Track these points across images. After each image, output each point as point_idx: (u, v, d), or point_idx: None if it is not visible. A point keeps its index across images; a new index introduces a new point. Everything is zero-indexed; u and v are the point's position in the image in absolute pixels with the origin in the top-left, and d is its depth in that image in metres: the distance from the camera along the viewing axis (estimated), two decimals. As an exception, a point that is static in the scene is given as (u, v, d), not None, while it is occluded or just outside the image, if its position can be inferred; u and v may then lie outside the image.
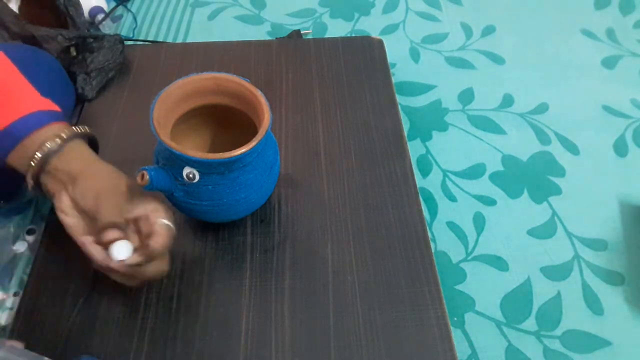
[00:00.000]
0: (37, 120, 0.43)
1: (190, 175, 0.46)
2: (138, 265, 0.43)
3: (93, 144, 0.48)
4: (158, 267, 0.45)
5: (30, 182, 0.43)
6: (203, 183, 0.47)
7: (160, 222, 0.44)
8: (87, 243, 0.42)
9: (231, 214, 0.52)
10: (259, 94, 0.49)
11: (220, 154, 0.44)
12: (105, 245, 0.43)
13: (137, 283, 0.46)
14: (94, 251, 0.42)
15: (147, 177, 0.45)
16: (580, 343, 0.61)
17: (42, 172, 0.42)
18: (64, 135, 0.43)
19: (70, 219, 0.43)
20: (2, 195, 0.60)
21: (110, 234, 0.43)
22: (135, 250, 0.43)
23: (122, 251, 0.42)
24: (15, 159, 0.42)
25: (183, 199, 0.49)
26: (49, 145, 0.42)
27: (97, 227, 0.43)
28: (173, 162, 0.46)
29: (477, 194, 0.75)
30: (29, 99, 0.44)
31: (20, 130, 0.42)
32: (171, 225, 0.45)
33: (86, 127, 0.46)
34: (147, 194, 0.46)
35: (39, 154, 0.41)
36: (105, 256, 0.42)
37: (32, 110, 0.43)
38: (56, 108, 0.45)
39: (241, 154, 0.44)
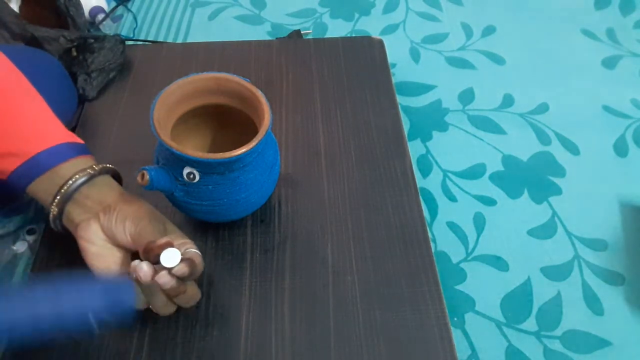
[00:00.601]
0: (65, 152, 0.44)
1: (191, 176, 0.46)
2: (181, 279, 0.42)
3: (117, 179, 0.48)
4: (194, 292, 0.46)
5: (54, 210, 0.43)
6: (203, 183, 0.47)
7: (192, 250, 0.45)
8: (136, 263, 0.42)
9: (231, 214, 0.52)
10: (259, 94, 0.49)
11: (221, 154, 0.44)
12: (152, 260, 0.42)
13: (172, 310, 0.45)
14: (143, 265, 0.41)
15: (147, 177, 0.45)
16: (580, 343, 0.61)
17: (69, 200, 0.43)
18: (95, 167, 0.44)
19: (95, 248, 0.44)
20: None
21: (163, 239, 0.42)
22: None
23: (171, 258, 0.41)
24: (38, 188, 0.43)
25: (183, 199, 0.49)
26: (79, 176, 0.43)
27: (141, 247, 0.42)
28: (173, 162, 0.46)
29: (477, 194, 0.75)
30: (57, 131, 0.45)
31: (48, 160, 0.43)
32: (201, 255, 0.45)
33: (112, 165, 0.48)
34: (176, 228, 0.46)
35: (70, 182, 0.42)
36: (152, 270, 0.41)
37: (60, 141, 0.44)
38: (81, 141, 0.46)
39: (241, 154, 0.44)
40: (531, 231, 0.71)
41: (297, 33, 0.89)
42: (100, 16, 0.92)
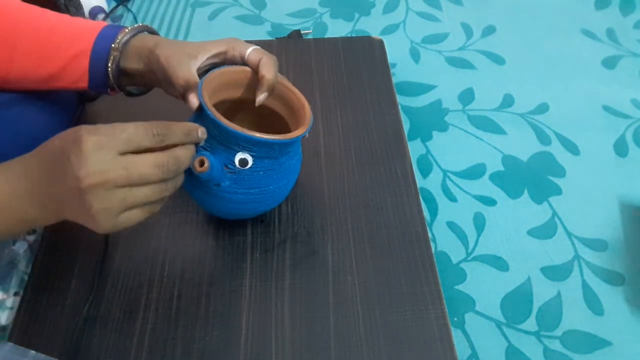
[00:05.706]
0: (111, 32, 0.49)
1: (243, 161, 0.45)
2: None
3: None
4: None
5: (112, 67, 0.49)
6: (255, 169, 0.46)
7: (249, 50, 0.49)
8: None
9: (270, 203, 0.51)
10: (294, 89, 0.51)
11: (283, 134, 0.45)
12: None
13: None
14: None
15: (207, 163, 0.41)
16: (580, 343, 0.61)
17: (122, 54, 0.49)
18: (131, 30, 0.50)
19: (177, 57, 0.47)
20: None
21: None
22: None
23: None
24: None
25: (229, 189, 0.46)
26: (121, 36, 0.49)
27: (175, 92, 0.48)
28: (225, 147, 0.44)
29: (477, 194, 0.75)
30: (92, 23, 0.51)
31: (103, 44, 0.49)
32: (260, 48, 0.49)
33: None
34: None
35: (120, 38, 0.49)
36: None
37: (102, 26, 0.50)
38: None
39: (298, 136, 0.45)
40: (531, 231, 0.71)
41: (297, 33, 0.89)
42: (100, 16, 0.92)
